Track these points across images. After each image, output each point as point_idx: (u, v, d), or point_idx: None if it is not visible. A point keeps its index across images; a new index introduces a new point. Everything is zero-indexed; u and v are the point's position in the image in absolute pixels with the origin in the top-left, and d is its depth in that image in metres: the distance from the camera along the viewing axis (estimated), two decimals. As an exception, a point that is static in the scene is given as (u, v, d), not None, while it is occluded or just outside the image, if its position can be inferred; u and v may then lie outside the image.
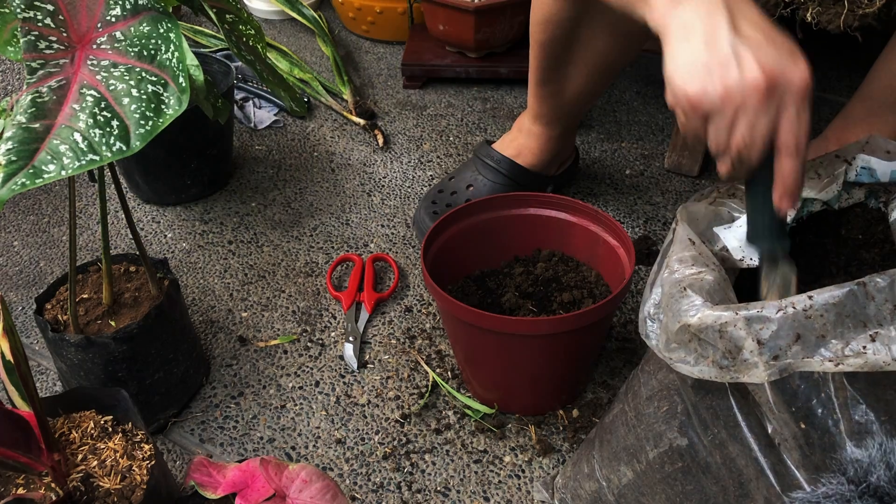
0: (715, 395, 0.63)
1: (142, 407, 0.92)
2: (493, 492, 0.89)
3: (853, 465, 0.57)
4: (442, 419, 0.97)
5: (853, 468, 0.57)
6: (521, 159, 1.20)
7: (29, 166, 0.60)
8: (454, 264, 1.00)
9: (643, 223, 1.26)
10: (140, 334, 0.88)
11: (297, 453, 0.94)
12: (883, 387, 0.56)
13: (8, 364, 0.68)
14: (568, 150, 1.26)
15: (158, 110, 0.66)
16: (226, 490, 0.76)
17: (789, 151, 0.61)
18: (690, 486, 0.66)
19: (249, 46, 1.00)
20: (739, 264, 0.69)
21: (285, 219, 1.29)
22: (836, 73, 1.62)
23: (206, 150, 1.29)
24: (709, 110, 0.60)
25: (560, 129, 1.18)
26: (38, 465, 0.70)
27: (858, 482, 0.58)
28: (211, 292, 1.16)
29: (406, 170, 1.39)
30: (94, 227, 1.29)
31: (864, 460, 0.57)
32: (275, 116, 1.53)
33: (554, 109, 1.15)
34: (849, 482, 0.58)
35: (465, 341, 0.93)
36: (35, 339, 1.10)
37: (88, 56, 0.68)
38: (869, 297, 0.55)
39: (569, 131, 1.21)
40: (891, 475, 0.57)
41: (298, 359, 1.06)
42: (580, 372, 0.96)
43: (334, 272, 1.19)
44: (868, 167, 0.70)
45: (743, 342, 0.56)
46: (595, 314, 0.85)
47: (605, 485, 0.75)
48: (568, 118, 1.17)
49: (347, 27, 1.82)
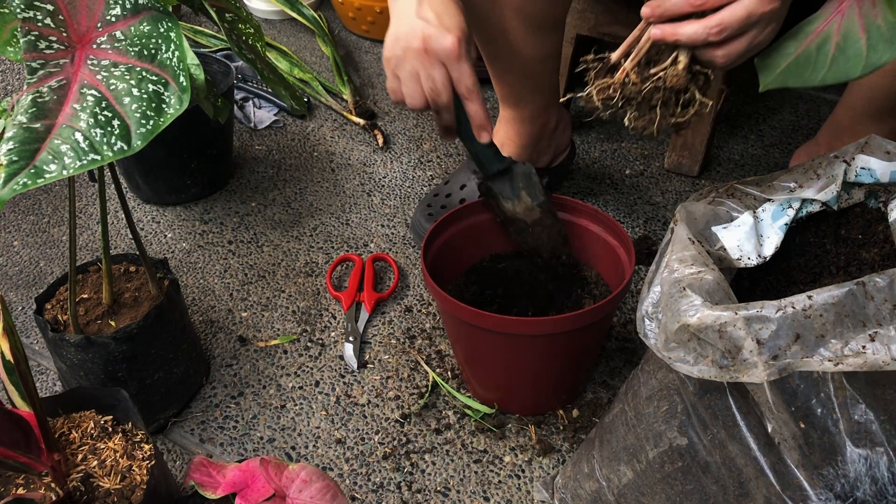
0: (714, 394, 0.63)
1: (142, 407, 0.92)
2: (493, 492, 0.89)
3: (840, 481, 0.58)
4: (442, 419, 0.97)
5: (840, 484, 0.58)
6: (505, 150, 1.20)
7: (30, 166, 0.60)
8: (454, 264, 1.00)
9: (643, 223, 1.26)
10: (140, 334, 0.88)
11: (297, 453, 0.94)
12: (882, 386, 0.57)
13: (8, 364, 0.68)
14: (557, 140, 1.24)
15: (159, 109, 0.66)
16: (226, 490, 0.76)
17: (465, 95, 0.85)
18: (690, 486, 0.66)
19: (249, 45, 1.00)
20: (737, 264, 0.70)
21: (285, 219, 1.29)
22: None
23: (206, 150, 1.29)
24: (394, 67, 0.84)
25: (530, 109, 1.16)
26: (38, 465, 0.70)
27: (845, 497, 0.58)
28: (211, 292, 1.16)
29: (406, 170, 1.39)
30: (94, 227, 1.29)
31: (850, 475, 0.57)
32: (275, 116, 1.53)
33: (510, 85, 1.14)
34: (836, 497, 0.58)
35: (465, 341, 0.93)
36: (35, 339, 1.10)
37: (89, 56, 0.68)
38: (868, 297, 0.55)
39: (541, 111, 1.18)
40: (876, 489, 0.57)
41: (298, 359, 1.06)
42: (580, 372, 0.96)
43: (334, 272, 1.19)
44: (867, 167, 0.70)
45: (742, 342, 0.56)
46: (595, 314, 0.85)
47: (605, 484, 0.75)
48: (529, 93, 1.14)
49: (347, 27, 1.82)
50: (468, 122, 0.88)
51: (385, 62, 0.85)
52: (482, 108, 0.87)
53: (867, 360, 0.54)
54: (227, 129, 1.34)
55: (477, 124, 0.88)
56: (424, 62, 0.81)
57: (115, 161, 0.82)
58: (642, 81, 0.73)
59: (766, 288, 0.76)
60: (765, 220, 0.71)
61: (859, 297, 0.55)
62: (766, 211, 0.71)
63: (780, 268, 0.75)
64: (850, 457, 0.57)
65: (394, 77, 0.85)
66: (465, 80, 0.83)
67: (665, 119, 0.74)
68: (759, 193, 0.72)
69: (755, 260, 0.69)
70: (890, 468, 0.57)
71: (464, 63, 0.82)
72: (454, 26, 0.81)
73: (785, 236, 0.71)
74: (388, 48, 0.84)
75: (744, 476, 0.62)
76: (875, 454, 0.57)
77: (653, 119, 0.74)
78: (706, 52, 0.70)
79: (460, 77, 0.83)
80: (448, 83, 0.83)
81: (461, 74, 0.82)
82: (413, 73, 0.83)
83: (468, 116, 0.87)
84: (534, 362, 0.90)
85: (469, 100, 0.85)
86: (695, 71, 0.72)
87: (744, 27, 0.67)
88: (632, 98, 0.74)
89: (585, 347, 0.93)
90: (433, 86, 0.83)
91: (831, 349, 0.55)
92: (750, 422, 0.61)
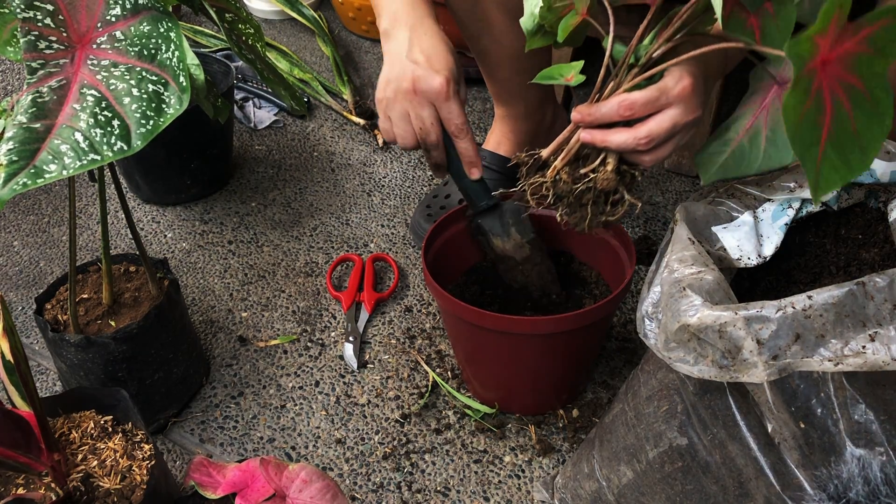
0: (714, 394, 0.63)
1: (142, 407, 0.92)
2: (493, 492, 0.89)
3: (833, 482, 0.58)
4: (442, 419, 0.97)
5: (833, 484, 0.58)
6: (501, 149, 1.20)
7: (30, 166, 0.60)
8: (454, 264, 1.00)
9: (643, 223, 1.26)
10: (140, 334, 0.88)
11: (297, 453, 0.94)
12: (882, 386, 0.57)
13: (8, 364, 0.68)
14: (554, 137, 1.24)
15: (159, 110, 0.66)
16: (226, 490, 0.76)
17: (454, 134, 0.87)
18: (690, 486, 0.66)
19: (249, 45, 1.00)
20: (737, 264, 0.70)
21: (285, 219, 1.29)
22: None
23: (206, 150, 1.29)
24: (386, 108, 0.86)
25: (523, 106, 1.16)
26: (38, 465, 0.70)
27: (838, 498, 0.58)
28: (211, 292, 1.16)
29: (406, 170, 1.39)
30: (94, 227, 1.29)
31: (843, 476, 0.57)
32: (275, 116, 1.53)
33: (502, 82, 1.14)
34: (829, 498, 0.58)
35: (466, 340, 0.93)
36: (35, 339, 1.10)
37: (88, 56, 0.68)
38: (868, 297, 0.55)
39: (535, 107, 1.18)
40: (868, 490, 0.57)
41: (298, 359, 1.06)
42: (580, 372, 0.96)
43: (334, 272, 1.19)
44: (867, 167, 0.70)
45: (742, 342, 0.56)
46: (595, 314, 0.85)
47: (605, 484, 0.75)
48: (522, 89, 1.14)
49: (347, 27, 1.82)
50: (458, 159, 0.90)
51: (377, 104, 0.87)
52: (472, 146, 0.88)
53: (867, 360, 0.54)
54: (227, 129, 1.34)
55: (467, 161, 0.90)
56: (414, 102, 0.84)
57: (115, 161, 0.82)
58: (573, 181, 0.76)
59: (766, 288, 0.76)
60: (765, 220, 0.71)
61: (859, 297, 0.55)
62: (766, 211, 0.71)
63: (780, 268, 0.75)
64: (846, 457, 0.57)
65: (385, 118, 0.87)
66: (455, 119, 0.85)
67: (596, 217, 0.77)
68: (759, 193, 0.72)
69: (755, 260, 0.69)
70: (883, 469, 0.57)
71: (452, 102, 0.84)
72: (443, 67, 0.83)
73: (785, 236, 0.71)
74: (379, 90, 0.86)
75: (744, 476, 0.62)
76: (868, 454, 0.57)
77: (584, 216, 0.77)
78: (634, 156, 0.74)
79: (449, 116, 0.85)
80: (437, 123, 0.85)
81: (450, 114, 0.84)
82: (403, 114, 0.85)
83: (458, 154, 0.89)
84: (534, 362, 0.90)
85: (458, 138, 0.87)
86: (623, 171, 0.75)
87: (670, 136, 0.71)
88: (563, 196, 0.77)
89: (585, 347, 0.93)
90: (422, 125, 0.85)
91: (831, 349, 0.55)
92: (750, 422, 0.61)
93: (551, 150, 0.78)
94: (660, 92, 0.69)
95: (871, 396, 0.57)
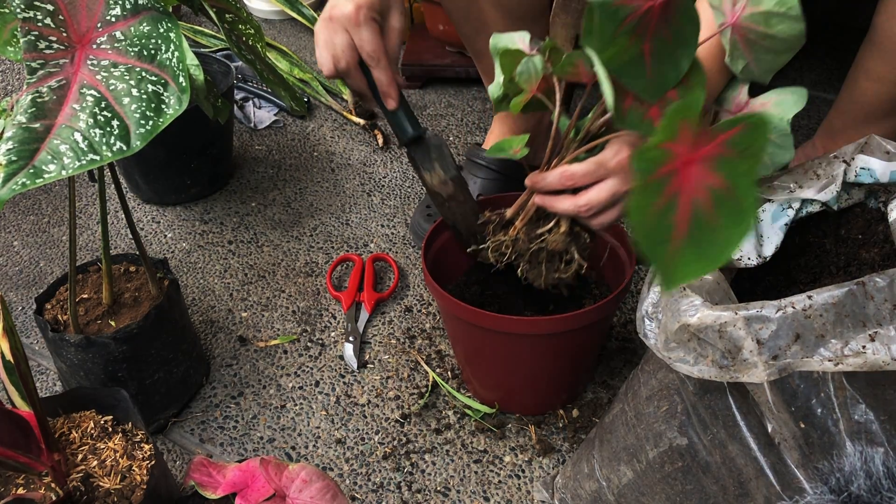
0: (714, 394, 0.63)
1: (142, 407, 0.92)
2: (493, 492, 0.89)
3: (835, 476, 0.58)
4: (442, 419, 0.97)
5: (835, 478, 0.58)
6: None
7: (29, 166, 0.60)
8: (454, 264, 1.00)
9: (643, 223, 1.26)
10: (140, 334, 0.88)
11: (297, 453, 0.94)
12: (882, 386, 0.57)
13: (8, 364, 0.68)
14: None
15: (159, 110, 0.66)
16: (226, 490, 0.76)
17: (367, 62, 0.85)
18: (690, 486, 0.66)
19: (249, 46, 1.00)
20: (737, 264, 0.70)
21: (285, 219, 1.29)
22: (839, 73, 1.62)
23: (206, 150, 1.29)
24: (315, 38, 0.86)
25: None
26: (38, 465, 0.70)
27: (840, 492, 0.58)
28: (211, 292, 1.16)
29: (406, 170, 1.39)
30: (94, 227, 1.29)
31: (845, 469, 0.57)
32: (275, 116, 1.53)
33: None
34: (830, 492, 0.58)
35: (466, 341, 0.93)
36: (35, 339, 1.10)
37: (88, 56, 0.68)
38: (868, 297, 0.55)
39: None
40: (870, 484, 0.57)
41: (298, 359, 1.06)
42: (580, 372, 0.96)
43: (334, 272, 1.19)
44: (867, 167, 0.70)
45: (742, 342, 0.56)
46: (595, 314, 0.85)
47: (605, 484, 0.75)
48: None
49: (347, 27, 1.82)
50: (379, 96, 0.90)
51: None
52: (386, 75, 0.87)
53: (867, 360, 0.54)
54: (227, 129, 1.34)
55: (382, 91, 0.88)
56: (329, 29, 0.85)
57: (115, 161, 0.82)
58: (530, 241, 0.81)
59: (766, 288, 0.76)
60: (765, 220, 0.71)
61: (859, 297, 0.55)
62: (766, 211, 0.71)
63: (780, 268, 0.75)
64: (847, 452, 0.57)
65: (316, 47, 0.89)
66: (366, 46, 0.84)
67: (550, 274, 0.82)
68: (759, 194, 0.72)
69: (755, 260, 0.69)
70: (885, 462, 0.57)
71: (363, 28, 0.83)
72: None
73: (785, 236, 0.71)
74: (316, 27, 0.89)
75: (744, 476, 0.62)
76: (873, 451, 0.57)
77: (540, 273, 0.82)
78: (582, 220, 0.79)
79: (360, 43, 0.84)
80: (349, 48, 0.85)
81: (361, 40, 0.84)
82: (324, 42, 0.86)
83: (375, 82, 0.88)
84: (534, 362, 0.90)
85: (372, 66, 0.86)
86: (576, 232, 0.81)
87: (610, 204, 0.76)
88: (522, 254, 0.82)
89: (585, 347, 0.93)
90: (334, 52, 0.85)
91: (831, 349, 0.55)
92: (750, 422, 0.61)
93: (514, 210, 0.84)
94: (597, 165, 0.74)
95: (871, 396, 0.57)
